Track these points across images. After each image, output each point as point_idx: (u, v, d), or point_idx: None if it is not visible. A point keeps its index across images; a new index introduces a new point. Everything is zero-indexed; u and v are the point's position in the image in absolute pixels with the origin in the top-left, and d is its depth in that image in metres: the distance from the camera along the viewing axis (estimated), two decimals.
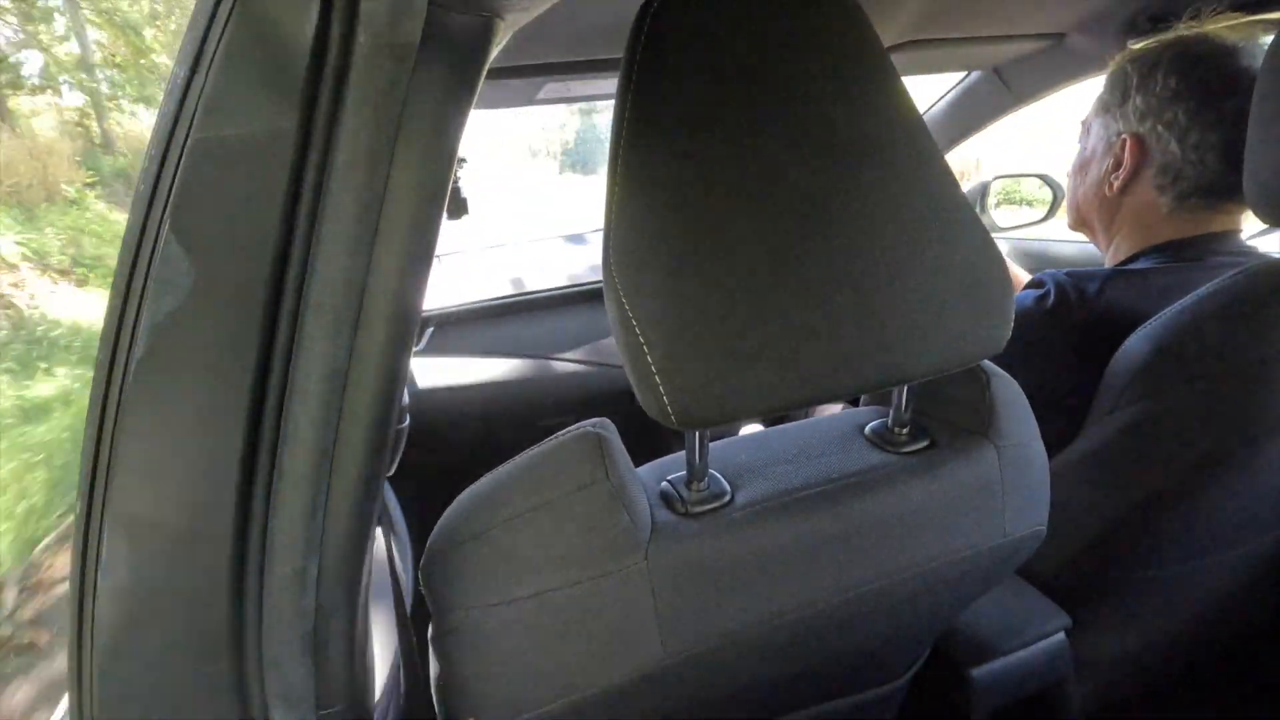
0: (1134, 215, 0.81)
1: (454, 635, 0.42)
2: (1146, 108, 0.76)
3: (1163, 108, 0.75)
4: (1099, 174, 0.83)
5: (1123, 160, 0.79)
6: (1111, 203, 0.83)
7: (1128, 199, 0.81)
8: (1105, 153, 0.82)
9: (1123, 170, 0.79)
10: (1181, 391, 0.66)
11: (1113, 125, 0.81)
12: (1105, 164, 0.82)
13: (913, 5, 0.84)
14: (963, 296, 0.40)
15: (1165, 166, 0.76)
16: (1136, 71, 0.77)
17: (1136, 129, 0.78)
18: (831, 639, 0.49)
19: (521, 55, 0.83)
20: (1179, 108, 0.74)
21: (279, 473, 0.36)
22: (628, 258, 0.38)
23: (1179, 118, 0.74)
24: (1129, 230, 0.82)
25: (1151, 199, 0.79)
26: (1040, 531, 0.52)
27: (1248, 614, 0.86)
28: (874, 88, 0.40)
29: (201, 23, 0.33)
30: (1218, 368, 0.65)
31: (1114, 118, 0.81)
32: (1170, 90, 0.74)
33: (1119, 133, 0.80)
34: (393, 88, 0.33)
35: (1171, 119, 0.75)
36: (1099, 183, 0.83)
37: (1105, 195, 0.83)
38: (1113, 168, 0.81)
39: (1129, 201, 0.81)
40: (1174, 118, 0.75)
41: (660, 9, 0.38)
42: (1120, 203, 0.82)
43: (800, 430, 0.52)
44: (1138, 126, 0.78)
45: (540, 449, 0.43)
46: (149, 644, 0.36)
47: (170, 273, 0.33)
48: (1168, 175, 0.77)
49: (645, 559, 0.41)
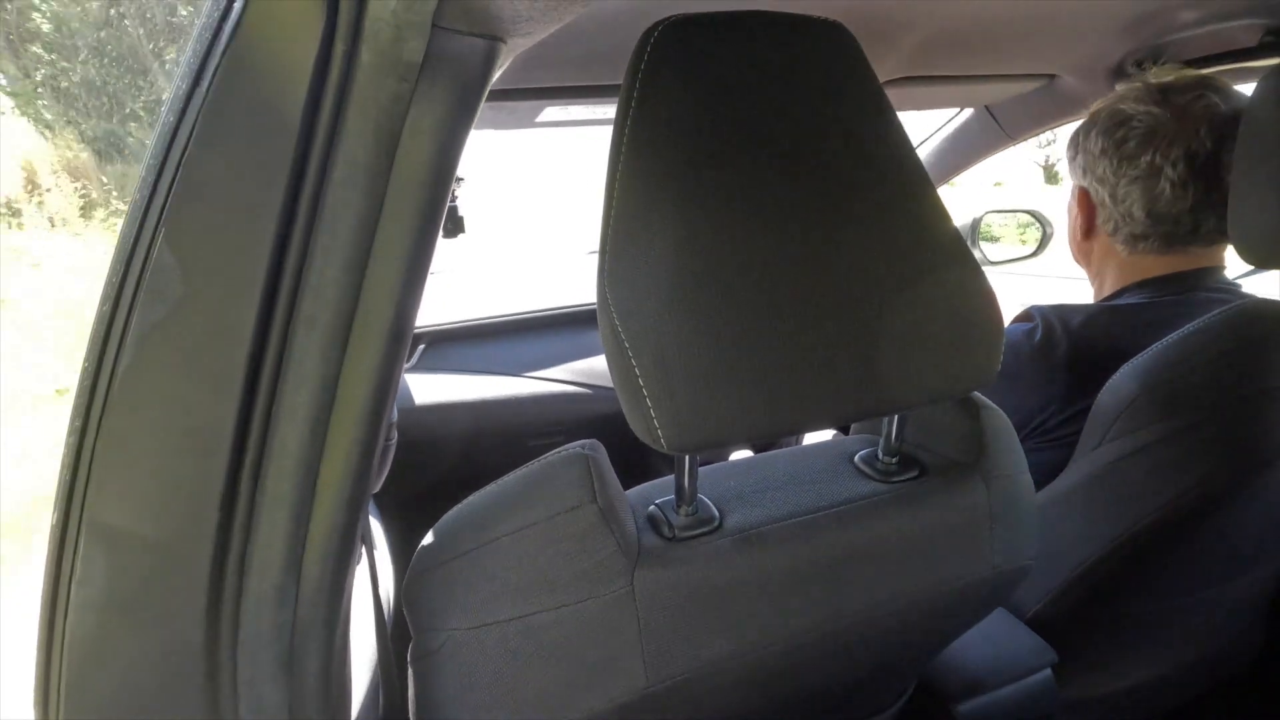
0: (1102, 258, 0.87)
1: (434, 657, 0.41)
2: (1085, 164, 0.83)
3: (1094, 163, 0.82)
4: (1070, 221, 0.91)
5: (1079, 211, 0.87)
6: (1085, 246, 0.89)
7: (1094, 243, 0.88)
8: (1072, 201, 0.89)
9: (1081, 219, 0.87)
10: (1167, 428, 0.67)
11: (1073, 178, 0.88)
12: (1074, 212, 0.89)
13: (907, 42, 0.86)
14: (953, 328, 0.40)
15: (1106, 217, 0.83)
16: (1083, 129, 0.85)
17: (1082, 183, 0.85)
18: (818, 670, 0.49)
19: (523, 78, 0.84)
20: (1104, 164, 0.80)
21: (262, 487, 0.36)
22: (622, 280, 0.38)
23: (1106, 173, 0.81)
24: (1107, 270, 0.87)
25: (1109, 244, 0.85)
26: (1028, 565, 0.52)
27: (1236, 652, 0.86)
28: (869, 121, 0.41)
29: (206, 35, 0.33)
30: (1203, 405, 0.66)
31: (1071, 171, 0.88)
32: (1099, 148, 0.81)
33: (1075, 186, 0.87)
34: (394, 106, 0.33)
35: (1102, 174, 0.81)
36: (1071, 228, 0.91)
37: (1079, 240, 0.89)
38: (1077, 215, 0.88)
39: (1096, 245, 0.88)
40: (1103, 173, 0.81)
41: (661, 38, 0.39)
42: (1090, 246, 0.89)
43: (790, 457, 0.51)
44: (1082, 180, 0.85)
45: (528, 469, 0.43)
46: (120, 659, 0.35)
47: (161, 282, 0.33)
48: (1109, 224, 0.83)
49: (631, 584, 0.40)
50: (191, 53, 0.34)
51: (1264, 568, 0.79)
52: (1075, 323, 0.77)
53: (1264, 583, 0.81)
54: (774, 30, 0.40)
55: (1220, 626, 0.81)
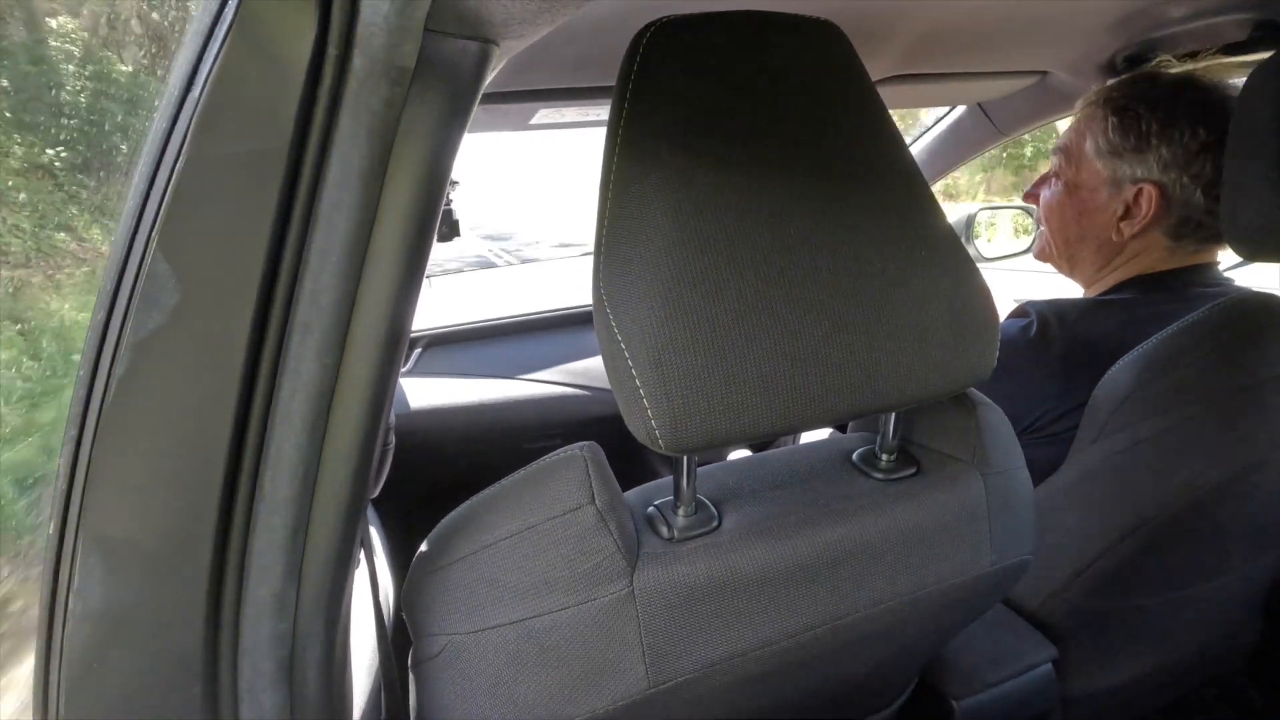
0: (1134, 256, 0.81)
1: (434, 662, 0.41)
2: (1172, 158, 0.74)
3: (1190, 160, 0.74)
4: (1107, 217, 0.80)
5: (1137, 207, 0.77)
6: (1115, 246, 0.81)
7: (1133, 242, 0.80)
8: (1113, 197, 0.79)
9: (1141, 218, 0.77)
10: (1164, 421, 0.67)
11: (1125, 170, 0.78)
12: (1115, 209, 0.79)
13: (899, 41, 0.86)
14: (948, 324, 0.40)
15: (1186, 218, 0.75)
16: (1154, 118, 0.75)
17: (1159, 178, 0.75)
18: (818, 668, 0.49)
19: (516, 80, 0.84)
20: (1208, 160, 0.73)
21: (260, 494, 0.36)
22: (618, 282, 0.38)
23: (1206, 169, 0.73)
24: (1123, 267, 0.82)
25: (1158, 242, 0.78)
26: (1027, 560, 0.52)
27: (1234, 644, 0.86)
28: (862, 119, 0.41)
29: (197, 41, 0.33)
30: (1199, 398, 0.66)
31: (1127, 163, 0.77)
32: (1200, 142, 0.73)
33: (1135, 179, 0.77)
34: (387, 110, 0.33)
35: (1199, 171, 0.73)
36: (1103, 226, 0.81)
37: (1110, 239, 0.80)
38: (1123, 213, 0.78)
39: (1133, 245, 0.80)
40: (1201, 169, 0.73)
41: (654, 39, 0.39)
42: (1124, 246, 0.80)
43: (787, 456, 0.51)
44: (1160, 175, 0.75)
45: (527, 472, 0.43)
46: (119, 669, 0.35)
47: (156, 290, 0.33)
48: (1188, 225, 0.75)
49: (631, 585, 0.40)
50: (183, 59, 0.33)
51: (1261, 560, 0.79)
52: (1070, 318, 0.77)
53: (1261, 575, 0.82)
54: (766, 30, 0.40)
55: (1218, 619, 0.81)
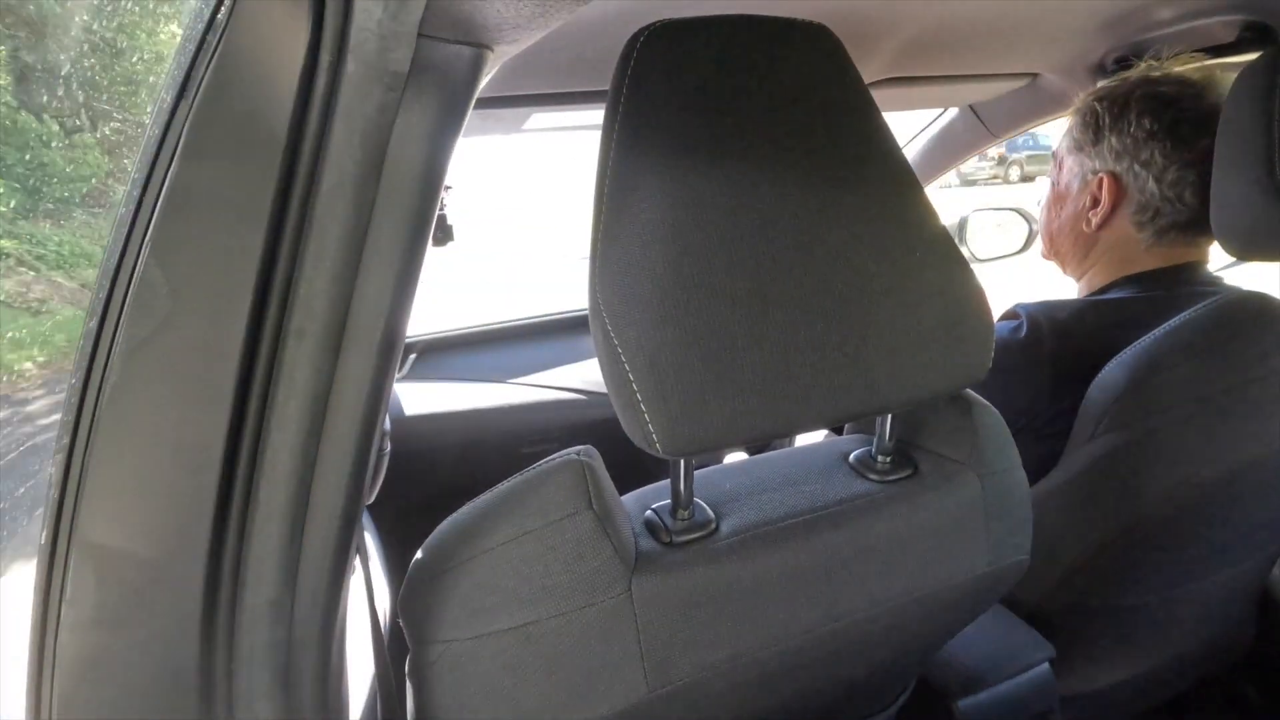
0: (1110, 249, 0.83)
1: (432, 669, 0.41)
2: (1122, 147, 0.78)
3: (1138, 148, 0.77)
4: (1075, 210, 0.85)
5: (1100, 198, 0.81)
6: (1089, 237, 0.84)
7: (1105, 234, 0.82)
8: (1082, 190, 0.84)
9: (1100, 208, 0.81)
10: (1156, 420, 0.67)
11: (1087, 163, 0.82)
12: (1082, 201, 0.83)
13: (891, 43, 0.87)
14: (943, 326, 0.40)
15: (1144, 205, 0.78)
16: (1108, 112, 0.79)
17: (1113, 168, 0.80)
18: (817, 670, 0.49)
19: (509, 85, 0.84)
20: (1155, 147, 0.76)
21: (255, 501, 0.35)
22: (613, 285, 0.38)
23: (1155, 157, 0.76)
24: (1105, 263, 0.84)
25: (1130, 234, 0.80)
26: (1024, 560, 0.52)
27: (1231, 641, 0.86)
28: (855, 121, 0.41)
29: (190, 47, 0.33)
30: (1192, 397, 0.67)
31: (1088, 156, 0.82)
32: (1145, 130, 0.76)
33: (1095, 171, 0.81)
34: (381, 115, 0.33)
35: (1148, 158, 0.77)
36: (1075, 218, 0.85)
37: (1083, 231, 0.84)
38: (1090, 205, 0.82)
39: (1106, 236, 0.83)
40: (1150, 157, 0.77)
41: (647, 43, 0.39)
42: (1097, 238, 0.83)
43: (784, 459, 0.51)
44: (1114, 165, 0.79)
45: (524, 477, 0.43)
46: (113, 679, 0.35)
47: (149, 297, 0.32)
48: (1146, 212, 0.78)
49: (629, 590, 0.40)
50: (176, 64, 0.33)
51: (1257, 557, 0.79)
52: (1061, 319, 0.77)
53: (1257, 572, 0.82)
54: (759, 34, 0.41)
55: (1215, 617, 0.82)
